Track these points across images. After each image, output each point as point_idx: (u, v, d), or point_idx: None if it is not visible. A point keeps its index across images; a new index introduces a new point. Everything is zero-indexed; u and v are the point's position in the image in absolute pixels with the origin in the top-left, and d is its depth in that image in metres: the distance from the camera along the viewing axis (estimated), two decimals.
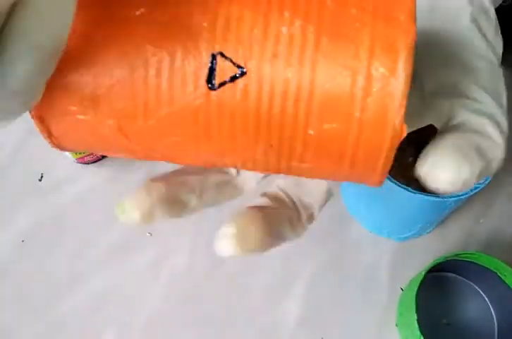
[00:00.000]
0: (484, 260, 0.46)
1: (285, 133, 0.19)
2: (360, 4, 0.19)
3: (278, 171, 0.22)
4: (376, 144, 0.19)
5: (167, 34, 0.18)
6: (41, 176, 0.54)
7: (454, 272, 0.51)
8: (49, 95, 0.19)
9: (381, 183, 0.21)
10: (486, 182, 0.43)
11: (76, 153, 0.51)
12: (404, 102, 0.18)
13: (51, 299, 0.48)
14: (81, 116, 0.20)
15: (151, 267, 0.50)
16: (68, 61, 0.18)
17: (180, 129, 0.20)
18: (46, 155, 0.54)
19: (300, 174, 0.22)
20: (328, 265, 0.51)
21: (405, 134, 0.19)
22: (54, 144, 0.22)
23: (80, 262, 0.50)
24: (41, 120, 0.20)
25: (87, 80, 0.19)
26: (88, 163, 0.54)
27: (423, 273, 0.44)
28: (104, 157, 0.54)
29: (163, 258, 0.51)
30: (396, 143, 0.19)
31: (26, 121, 0.57)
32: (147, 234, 0.51)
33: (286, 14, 0.18)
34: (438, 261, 0.45)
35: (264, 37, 0.18)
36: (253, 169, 0.22)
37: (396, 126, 0.19)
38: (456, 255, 0.46)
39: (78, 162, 0.53)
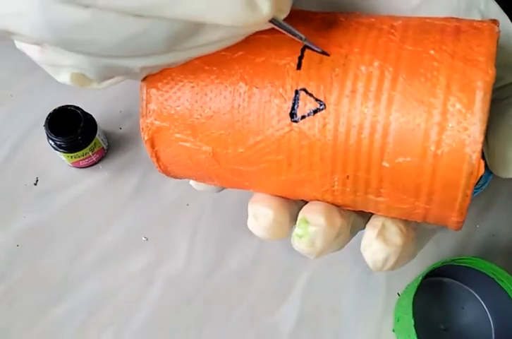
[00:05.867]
0: (481, 265, 0.46)
1: (360, 165, 0.21)
2: (439, 46, 0.20)
3: (355, 206, 0.23)
4: (452, 180, 0.19)
5: (259, 73, 0.21)
6: (37, 181, 0.53)
7: (451, 278, 0.51)
8: (159, 123, 0.23)
9: (460, 224, 0.22)
10: (483, 187, 0.43)
11: (71, 157, 0.51)
12: (481, 139, 0.19)
13: (47, 304, 0.48)
14: (183, 143, 0.23)
15: (147, 271, 0.50)
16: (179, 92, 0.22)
17: (264, 157, 0.22)
18: (41, 159, 0.54)
19: (377, 209, 0.23)
20: (325, 269, 0.51)
21: (482, 171, 0.19)
22: (161, 169, 0.25)
23: (76, 266, 0.50)
24: (152, 146, 0.23)
25: (191, 111, 0.22)
26: (83, 167, 0.53)
27: (420, 278, 0.44)
28: (98, 161, 0.54)
29: (159, 263, 0.50)
30: (473, 180, 0.19)
31: (20, 126, 0.57)
32: (143, 238, 0.51)
33: (366, 56, 0.20)
34: (435, 266, 0.44)
35: (344, 75, 0.20)
36: (332, 202, 0.23)
37: (473, 161, 0.19)
38: (453, 260, 0.46)
39: (73, 167, 0.53)
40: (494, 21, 0.21)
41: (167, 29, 0.17)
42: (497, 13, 0.26)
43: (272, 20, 0.18)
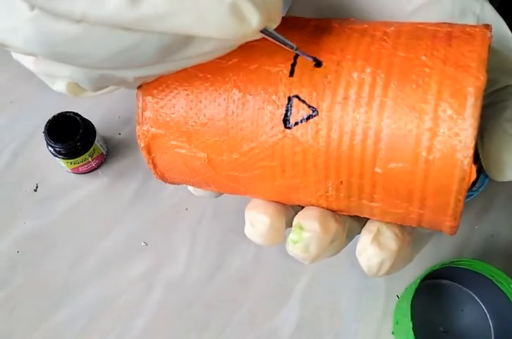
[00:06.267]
0: (480, 267, 0.46)
1: (353, 171, 0.21)
2: (431, 52, 0.20)
3: (350, 211, 0.23)
4: (444, 185, 0.20)
5: (252, 80, 0.21)
6: (37, 187, 0.53)
7: (450, 280, 0.51)
8: (155, 131, 0.23)
9: (454, 228, 0.22)
10: (480, 190, 0.43)
11: (70, 163, 0.51)
12: (472, 144, 0.19)
13: (47, 309, 0.48)
14: (178, 150, 0.23)
15: (148, 276, 0.50)
16: (174, 99, 0.22)
17: (259, 163, 0.22)
18: (41, 165, 0.54)
19: (372, 214, 0.23)
20: (324, 273, 0.51)
21: (474, 177, 0.19)
22: (158, 175, 0.25)
23: (76, 272, 0.50)
24: (149, 152, 0.24)
25: (186, 118, 0.22)
26: (82, 173, 0.54)
27: (418, 281, 0.44)
28: (98, 167, 0.54)
29: (159, 267, 0.50)
30: (465, 186, 0.19)
31: (20, 132, 0.57)
32: (142, 244, 0.51)
33: (359, 62, 0.20)
34: (433, 268, 0.44)
35: (337, 82, 0.20)
36: (327, 207, 0.23)
37: (464, 167, 0.19)
38: (452, 262, 0.46)
39: (73, 173, 0.53)
40: (487, 26, 0.21)
41: (157, 42, 0.18)
42: (493, 16, 0.26)
43: (263, 31, 0.18)
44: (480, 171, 0.29)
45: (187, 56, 0.19)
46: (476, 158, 0.22)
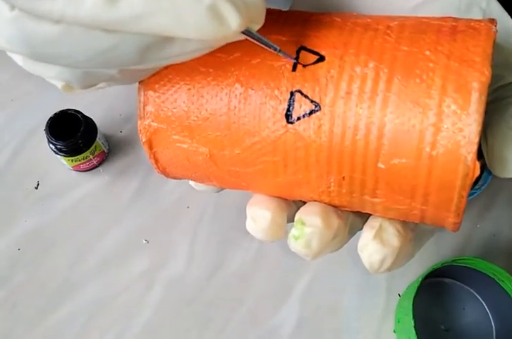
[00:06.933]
0: (482, 266, 0.46)
1: (356, 166, 0.20)
2: (435, 46, 0.20)
3: (352, 207, 0.23)
4: (448, 181, 0.19)
5: (254, 75, 0.21)
6: (38, 185, 0.53)
7: (452, 278, 0.51)
8: (156, 125, 0.23)
9: (457, 224, 0.21)
10: (483, 188, 0.43)
11: (72, 161, 0.51)
12: (476, 140, 0.18)
13: (48, 308, 0.48)
14: (180, 145, 0.23)
15: (148, 274, 0.50)
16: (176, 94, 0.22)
17: (261, 158, 0.22)
18: (41, 163, 0.54)
19: (374, 210, 0.23)
20: (325, 271, 0.51)
21: (478, 172, 0.19)
22: (160, 170, 0.25)
23: (77, 270, 0.50)
24: (150, 147, 0.24)
25: (187, 112, 0.22)
26: (84, 171, 0.54)
27: (420, 279, 0.44)
28: (99, 164, 0.54)
29: (160, 265, 0.50)
30: (469, 181, 0.19)
31: (21, 130, 0.57)
32: (144, 241, 0.51)
33: (362, 57, 0.20)
34: (435, 267, 0.44)
35: (339, 77, 0.20)
36: (329, 203, 0.23)
37: (468, 162, 0.19)
38: (453, 260, 0.46)
39: (74, 170, 0.53)
40: (492, 20, 0.21)
41: (136, 43, 0.17)
42: (498, 11, 0.26)
43: (245, 32, 0.18)
44: (483, 168, 0.29)
45: (169, 56, 0.19)
46: (480, 155, 0.21)
